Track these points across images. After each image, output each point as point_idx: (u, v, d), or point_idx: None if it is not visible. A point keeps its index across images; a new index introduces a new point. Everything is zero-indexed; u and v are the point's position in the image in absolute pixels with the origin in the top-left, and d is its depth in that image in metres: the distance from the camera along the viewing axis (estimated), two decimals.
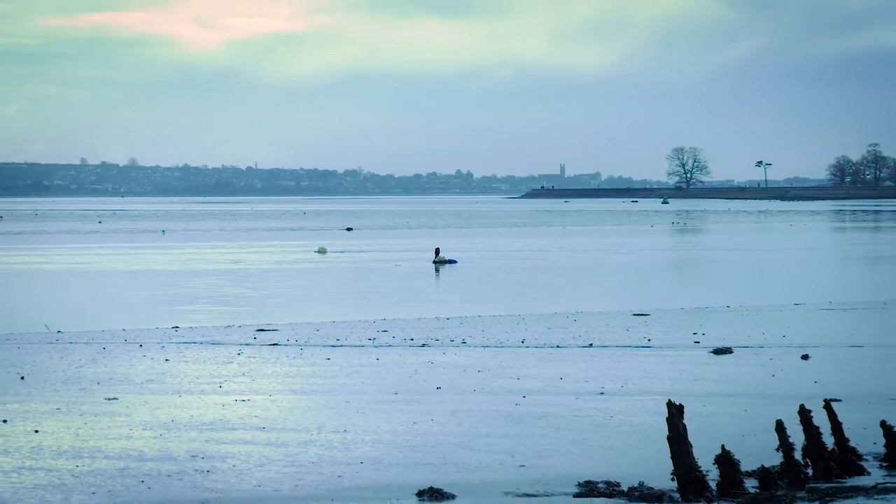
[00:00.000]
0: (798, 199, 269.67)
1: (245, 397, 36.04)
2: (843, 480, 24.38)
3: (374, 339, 50.42)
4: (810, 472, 24.46)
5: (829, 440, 24.99)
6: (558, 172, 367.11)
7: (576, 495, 23.34)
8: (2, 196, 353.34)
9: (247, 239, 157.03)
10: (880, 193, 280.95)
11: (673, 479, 23.15)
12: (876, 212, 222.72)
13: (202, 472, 25.75)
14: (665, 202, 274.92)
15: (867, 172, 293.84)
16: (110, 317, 60.05)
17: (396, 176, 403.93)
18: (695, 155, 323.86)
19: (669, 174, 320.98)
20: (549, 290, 77.90)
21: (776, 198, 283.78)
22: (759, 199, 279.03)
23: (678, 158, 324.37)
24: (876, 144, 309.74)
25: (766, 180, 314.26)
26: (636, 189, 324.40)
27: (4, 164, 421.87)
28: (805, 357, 42.24)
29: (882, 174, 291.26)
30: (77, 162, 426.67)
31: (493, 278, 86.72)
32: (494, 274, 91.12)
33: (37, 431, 30.29)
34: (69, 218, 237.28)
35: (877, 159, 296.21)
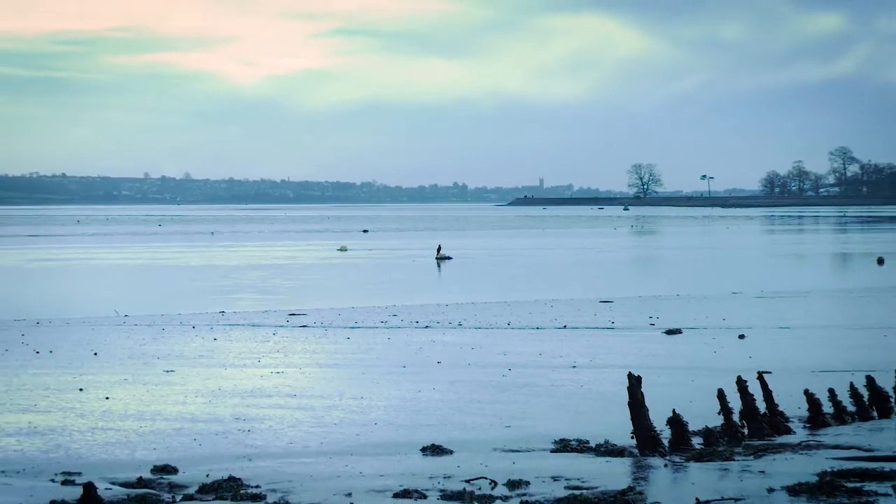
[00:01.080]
0: (735, 207, 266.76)
1: (279, 370, 36.50)
2: (773, 438, 24.95)
3: (386, 321, 50.56)
4: (746, 431, 25.03)
5: (761, 406, 25.47)
6: (538, 184, 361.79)
7: (552, 451, 24.13)
8: (79, 204, 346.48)
9: (281, 239, 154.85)
10: (803, 202, 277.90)
11: (632, 438, 23.80)
12: (800, 217, 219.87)
13: (244, 431, 26.63)
14: (626, 209, 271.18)
15: (792, 184, 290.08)
16: (168, 303, 59.73)
17: (404, 187, 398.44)
18: (650, 170, 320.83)
19: (629, 186, 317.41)
20: (530, 281, 76.86)
21: (717, 205, 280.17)
22: (703, 206, 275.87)
23: (637, 173, 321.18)
24: (800, 161, 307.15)
25: (709, 191, 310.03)
26: (602, 198, 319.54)
27: (82, 177, 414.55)
28: (741, 336, 42.75)
29: (805, 185, 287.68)
30: (141, 176, 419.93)
31: (484, 272, 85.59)
32: (485, 268, 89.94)
33: (107, 398, 30.95)
34: (134, 222, 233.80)
35: (800, 173, 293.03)
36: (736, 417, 25.00)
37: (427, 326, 48.27)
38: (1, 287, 71.94)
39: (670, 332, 44.87)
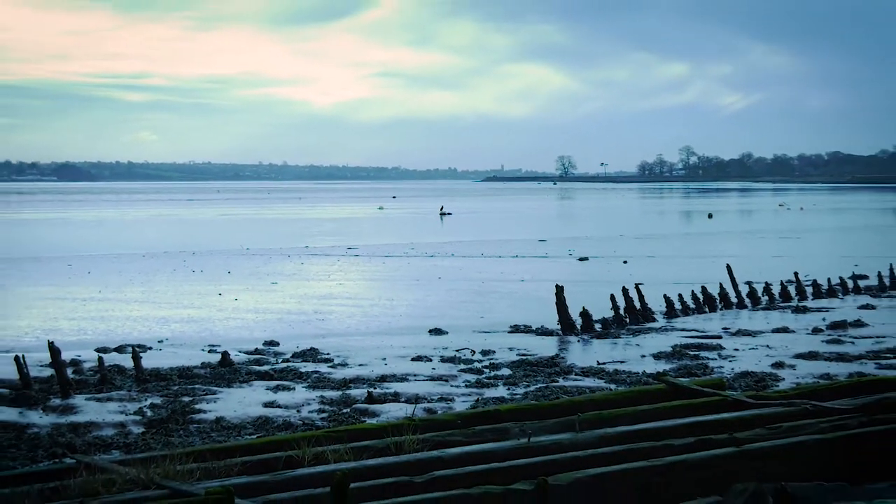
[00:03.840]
0: (621, 183, 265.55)
1: (341, 282, 36.66)
2: (644, 325, 25.11)
3: (407, 253, 50.44)
4: (628, 320, 25.16)
5: (638, 304, 25.29)
6: (500, 168, 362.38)
7: (509, 332, 24.26)
8: (219, 180, 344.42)
9: (342, 202, 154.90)
10: (663, 180, 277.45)
11: (558, 324, 24.02)
12: (660, 189, 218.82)
13: (319, 320, 26.91)
14: (554, 184, 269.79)
15: (656, 169, 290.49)
16: (272, 241, 59.60)
17: (419, 170, 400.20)
18: (569, 159, 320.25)
19: (556, 169, 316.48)
20: (495, 227, 76.77)
21: (610, 181, 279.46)
22: (602, 182, 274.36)
23: (560, 161, 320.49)
24: (661, 154, 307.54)
25: (605, 173, 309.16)
26: (539, 177, 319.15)
27: (220, 163, 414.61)
28: (625, 262, 42.70)
29: (664, 170, 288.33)
30: (256, 163, 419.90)
31: (468, 222, 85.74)
32: (469, 220, 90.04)
33: (236, 299, 31.12)
34: (253, 191, 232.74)
35: (661, 162, 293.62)
36: (622, 311, 25.13)
37: (432, 256, 48.05)
38: (175, 231, 72.33)
39: (581, 259, 44.60)
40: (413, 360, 20.27)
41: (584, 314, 24.15)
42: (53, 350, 17.58)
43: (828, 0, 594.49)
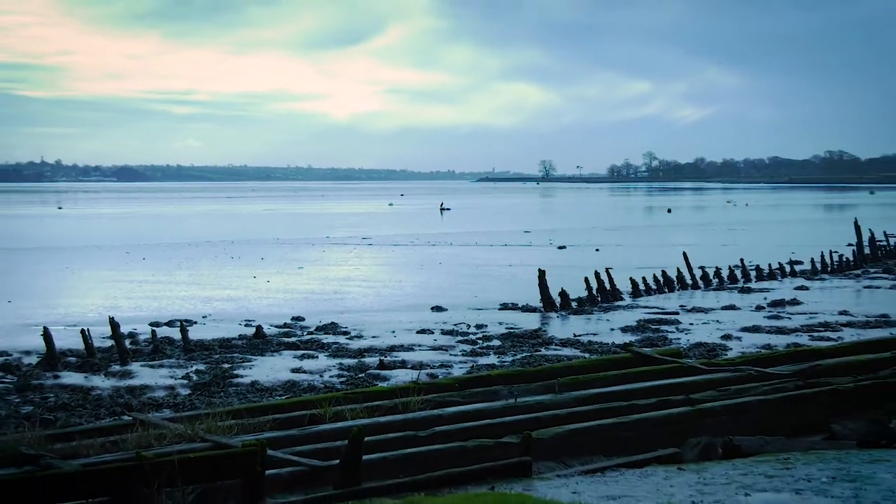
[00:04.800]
0: (594, 183, 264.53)
1: (357, 267, 36.38)
2: (614, 303, 24.90)
3: (412, 242, 49.91)
4: (599, 299, 24.91)
5: (608, 285, 25.17)
6: (492, 170, 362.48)
7: (499, 309, 24.09)
8: (254, 181, 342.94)
9: (358, 199, 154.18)
10: (629, 181, 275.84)
11: (541, 302, 23.86)
12: (626, 188, 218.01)
13: (339, 299, 26.75)
14: (537, 183, 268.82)
15: (624, 171, 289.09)
16: (299, 232, 59.17)
17: (423, 172, 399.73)
18: (549, 163, 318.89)
19: (539, 171, 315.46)
20: (488, 220, 76.14)
21: (584, 182, 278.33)
22: (577, 182, 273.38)
23: (543, 164, 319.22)
24: (627, 158, 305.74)
25: (580, 175, 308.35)
26: (525, 178, 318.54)
27: (255, 166, 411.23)
28: (597, 250, 42.20)
29: (630, 172, 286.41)
30: (285, 166, 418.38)
31: (465, 216, 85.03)
32: (466, 214, 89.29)
33: (268, 281, 30.90)
34: (282, 190, 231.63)
35: (628, 165, 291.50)
36: (594, 291, 24.98)
37: (434, 245, 47.67)
38: (216, 223, 71.94)
39: (560, 247, 44.31)
40: (418, 332, 20.23)
41: (563, 294, 24.06)
42: (113, 324, 17.57)
43: (769, 29, 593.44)
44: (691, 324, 21.21)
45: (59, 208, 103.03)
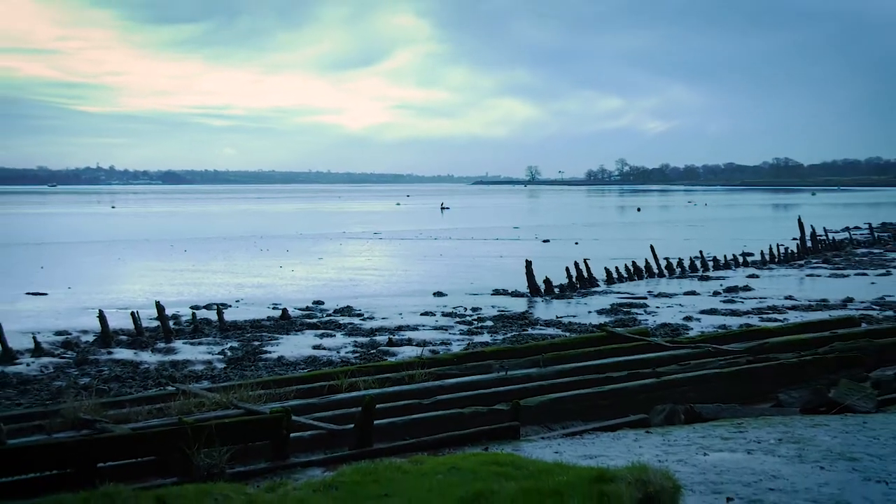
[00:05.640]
0: (573, 185, 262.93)
1: (368, 258, 36.23)
2: (591, 289, 24.84)
3: (417, 236, 49.79)
4: (578, 285, 24.82)
5: (587, 274, 25.10)
6: (485, 174, 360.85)
7: (492, 294, 24.02)
8: (281, 184, 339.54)
9: (370, 199, 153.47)
10: (603, 184, 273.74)
11: (528, 289, 23.88)
12: (601, 190, 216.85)
13: (354, 286, 26.56)
14: (525, 186, 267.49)
15: (600, 175, 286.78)
16: (319, 228, 59.07)
17: (426, 175, 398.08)
18: (535, 168, 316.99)
19: (526, 175, 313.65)
20: (482, 218, 75.93)
21: (566, 184, 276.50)
22: (559, 185, 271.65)
23: (529, 170, 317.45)
24: (602, 164, 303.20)
25: (561, 178, 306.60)
26: (514, 181, 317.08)
27: (285, 171, 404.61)
28: (576, 243, 41.96)
29: (605, 176, 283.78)
30: (308, 171, 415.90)
31: (462, 214, 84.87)
32: (463, 212, 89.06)
33: (292, 271, 30.75)
34: (305, 192, 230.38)
35: (603, 170, 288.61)
36: (574, 279, 24.91)
37: (436, 238, 47.60)
38: (247, 220, 71.64)
39: (544, 241, 44.20)
40: (421, 314, 20.16)
41: (547, 281, 24.00)
42: (159, 307, 17.57)
43: (724, 53, 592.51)
44: (657, 307, 21.16)
45: (113, 207, 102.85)
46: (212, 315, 19.36)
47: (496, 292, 24.27)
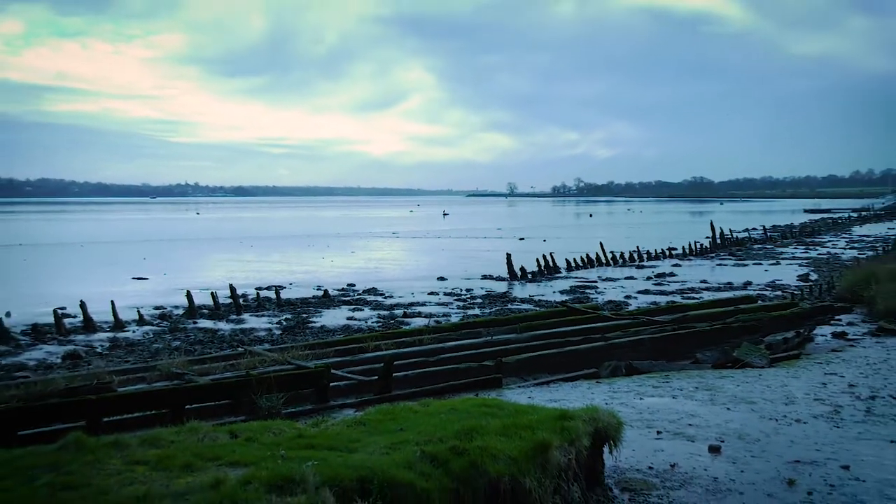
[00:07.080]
0: (541, 198, 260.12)
1: (388, 252, 35.69)
2: (554, 275, 24.46)
3: (424, 235, 49.33)
4: (546, 272, 24.43)
5: (551, 262, 24.71)
6: (476, 189, 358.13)
7: (481, 279, 23.66)
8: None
9: (390, 208, 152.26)
10: (565, 196, 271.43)
11: (508, 275, 23.55)
12: (563, 202, 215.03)
13: (377, 271, 26.17)
14: (506, 198, 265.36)
15: (563, 190, 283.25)
16: (352, 229, 58.46)
17: (429, 189, 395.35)
18: (514, 184, 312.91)
19: (507, 190, 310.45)
20: (475, 221, 75.50)
21: (538, 196, 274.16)
22: (532, 197, 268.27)
23: (509, 185, 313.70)
24: (563, 181, 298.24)
25: (534, 192, 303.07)
26: (498, 194, 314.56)
27: (331, 187, 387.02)
28: (544, 240, 41.34)
29: (565, 190, 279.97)
30: (343, 187, 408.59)
31: (460, 218, 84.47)
32: (461, 217, 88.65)
33: (332, 261, 30.21)
34: (340, 203, 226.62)
35: (564, 185, 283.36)
36: (542, 267, 24.46)
37: (438, 237, 47.14)
38: (298, 224, 71.17)
39: (520, 238, 43.89)
40: (428, 294, 19.99)
41: (522, 269, 23.82)
42: (232, 288, 17.52)
43: (655, 99, 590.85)
44: (605, 288, 20.99)
45: (197, 214, 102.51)
46: (271, 294, 19.24)
47: (484, 277, 24.11)
